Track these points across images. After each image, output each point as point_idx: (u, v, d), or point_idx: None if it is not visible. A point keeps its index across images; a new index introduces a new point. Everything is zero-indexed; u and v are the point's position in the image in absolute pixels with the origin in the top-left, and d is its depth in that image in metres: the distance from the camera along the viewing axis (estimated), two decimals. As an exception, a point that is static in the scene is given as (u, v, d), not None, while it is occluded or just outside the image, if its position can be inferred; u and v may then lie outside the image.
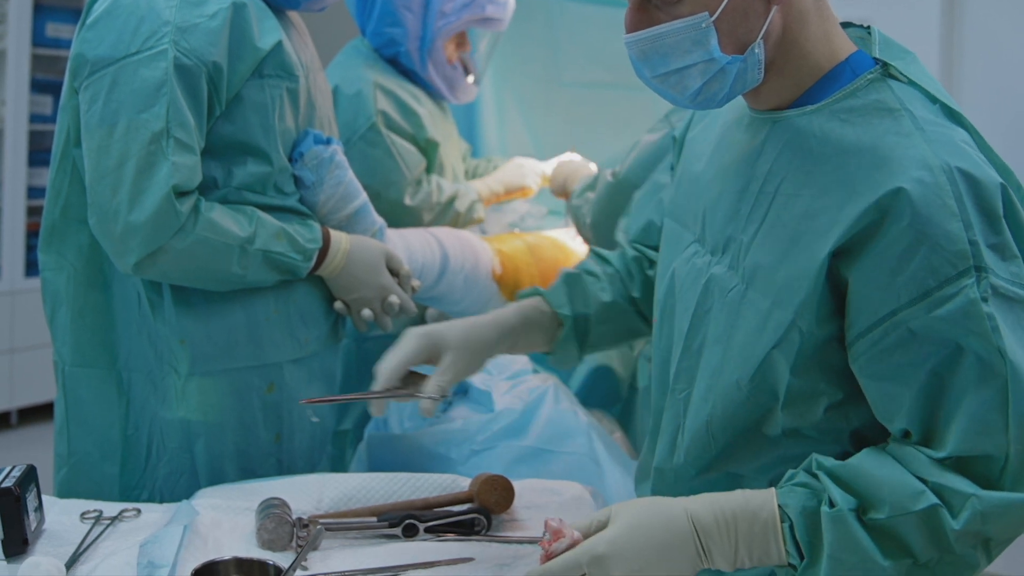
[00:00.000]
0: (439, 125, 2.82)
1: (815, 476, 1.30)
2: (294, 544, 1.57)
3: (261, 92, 1.93)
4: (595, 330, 1.79)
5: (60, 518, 1.64)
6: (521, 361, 2.57)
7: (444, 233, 2.62)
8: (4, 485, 1.48)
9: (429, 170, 2.78)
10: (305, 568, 1.51)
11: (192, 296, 1.91)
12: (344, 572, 1.49)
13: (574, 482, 1.88)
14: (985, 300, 1.21)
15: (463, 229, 2.79)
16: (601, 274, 1.83)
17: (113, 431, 1.96)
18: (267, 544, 1.57)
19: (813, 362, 1.31)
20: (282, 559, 1.41)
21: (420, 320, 2.86)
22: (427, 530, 1.65)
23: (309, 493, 1.73)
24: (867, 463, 1.27)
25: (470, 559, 1.55)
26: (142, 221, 1.78)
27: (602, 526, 1.30)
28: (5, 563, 1.44)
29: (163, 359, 1.92)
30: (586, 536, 1.29)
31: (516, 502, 1.73)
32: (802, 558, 1.27)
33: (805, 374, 1.31)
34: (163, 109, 1.80)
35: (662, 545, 1.27)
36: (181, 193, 1.80)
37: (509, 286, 2.70)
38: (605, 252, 1.88)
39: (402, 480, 1.79)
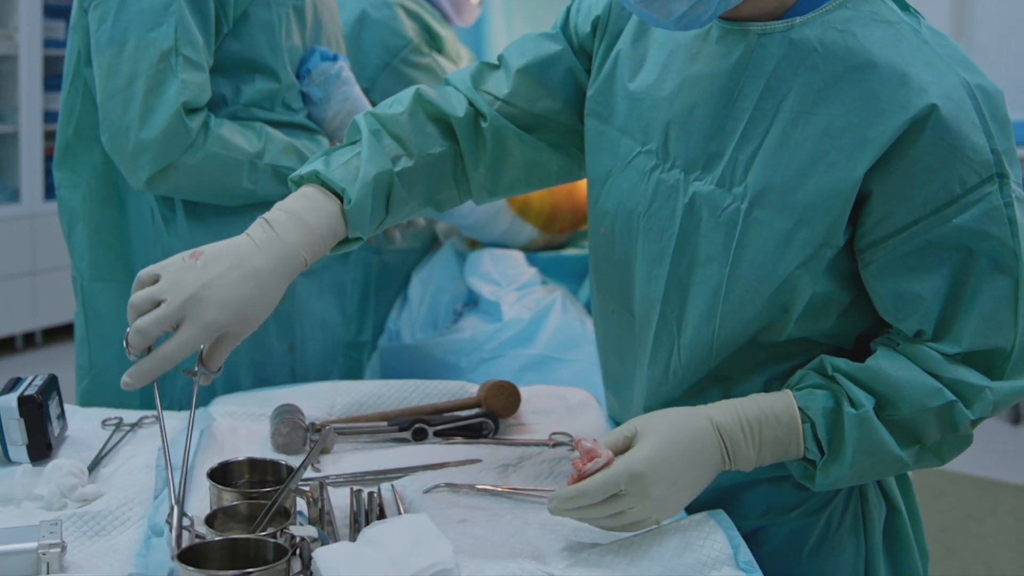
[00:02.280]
0: (453, 47, 2.86)
1: (831, 378, 1.35)
2: (307, 448, 1.62)
3: (267, 10, 1.96)
4: (388, 224, 1.59)
5: (82, 425, 1.69)
6: (530, 273, 2.61)
7: (452, 148, 2.65)
8: (27, 393, 1.53)
9: None
10: (318, 470, 1.56)
11: (204, 211, 1.95)
12: (355, 473, 1.54)
13: (580, 388, 1.92)
14: (1008, 205, 1.27)
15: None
16: (417, 155, 1.56)
17: (132, 343, 2.01)
18: (281, 448, 1.62)
19: (833, 271, 1.34)
20: (295, 462, 1.45)
21: (430, 232, 2.90)
22: (436, 434, 1.69)
23: (322, 400, 1.78)
24: (884, 364, 1.32)
25: (477, 460, 1.59)
26: (153, 138, 1.81)
27: (629, 442, 1.30)
28: (31, 466, 1.49)
29: (177, 272, 1.96)
30: (615, 452, 1.29)
31: (523, 407, 1.78)
32: (822, 454, 1.34)
33: (827, 283, 1.34)
34: (171, 28, 1.82)
35: (693, 457, 1.30)
36: (191, 110, 1.84)
37: (518, 200, 2.73)
38: (433, 99, 1.59)
39: (412, 387, 1.83)
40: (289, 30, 2.00)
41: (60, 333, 5.58)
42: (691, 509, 1.41)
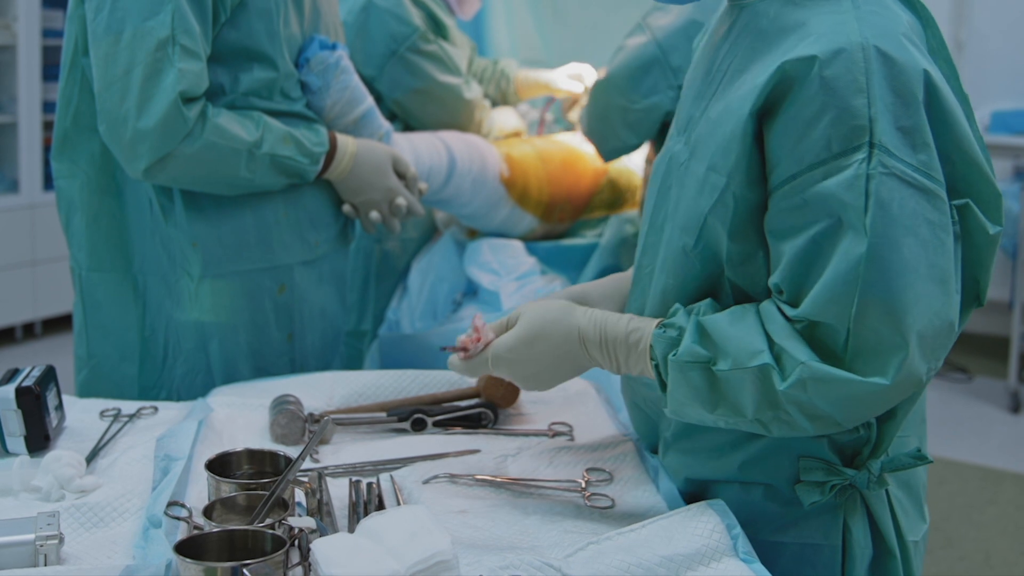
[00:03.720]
0: (456, 35, 2.86)
1: (689, 316, 1.36)
2: (306, 438, 1.62)
3: (265, -1, 1.95)
4: None
5: (81, 416, 1.69)
6: (529, 263, 2.61)
7: (451, 137, 2.65)
8: (24, 384, 1.53)
9: None
10: (317, 460, 1.56)
11: (203, 200, 1.95)
12: (354, 464, 1.54)
13: (578, 378, 1.91)
14: (871, 178, 1.22)
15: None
16: None
17: (131, 333, 2.01)
18: (280, 439, 1.62)
19: (750, 227, 1.33)
20: (294, 453, 1.45)
21: (429, 222, 2.89)
22: (435, 424, 1.69)
23: (321, 390, 1.78)
24: (727, 318, 1.32)
25: (476, 451, 1.60)
26: (150, 127, 1.80)
27: (512, 325, 1.46)
28: (29, 458, 1.49)
29: (176, 262, 1.96)
30: (497, 334, 1.46)
31: (522, 397, 1.78)
32: (663, 387, 1.37)
33: (743, 239, 1.33)
34: (168, 17, 1.81)
35: (555, 355, 1.43)
36: (188, 99, 1.83)
37: (517, 189, 2.73)
38: None
39: (411, 377, 1.83)
40: (287, 18, 1.99)
41: (60, 323, 5.57)
42: (686, 500, 1.42)
